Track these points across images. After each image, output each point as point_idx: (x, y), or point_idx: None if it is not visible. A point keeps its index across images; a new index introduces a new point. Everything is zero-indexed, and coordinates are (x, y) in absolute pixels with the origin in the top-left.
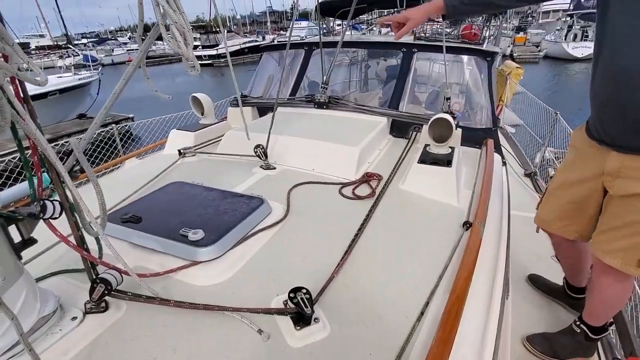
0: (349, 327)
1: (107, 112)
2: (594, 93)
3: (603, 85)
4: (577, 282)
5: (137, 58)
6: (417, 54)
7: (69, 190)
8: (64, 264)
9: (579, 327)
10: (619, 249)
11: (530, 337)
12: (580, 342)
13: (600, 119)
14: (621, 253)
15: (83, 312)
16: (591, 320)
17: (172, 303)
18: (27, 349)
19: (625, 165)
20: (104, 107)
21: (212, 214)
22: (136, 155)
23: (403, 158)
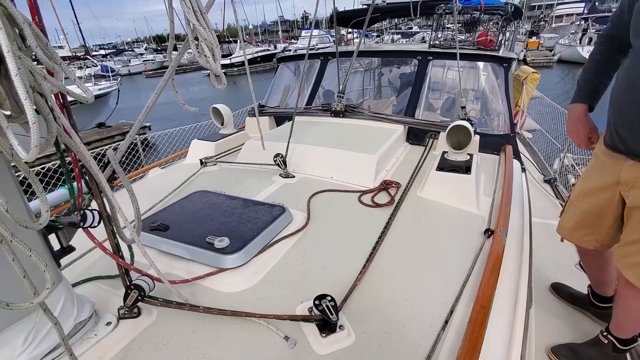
0: (374, 335)
1: (141, 124)
2: (611, 98)
3: (621, 91)
4: (603, 291)
5: (168, 72)
6: (433, 62)
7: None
8: (96, 270)
9: (606, 337)
10: (636, 263)
11: (555, 348)
12: (607, 353)
13: (616, 126)
14: (638, 268)
15: (117, 317)
16: (619, 333)
17: (201, 309)
18: (68, 353)
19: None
20: (138, 120)
21: (236, 222)
22: (159, 165)
23: (421, 165)
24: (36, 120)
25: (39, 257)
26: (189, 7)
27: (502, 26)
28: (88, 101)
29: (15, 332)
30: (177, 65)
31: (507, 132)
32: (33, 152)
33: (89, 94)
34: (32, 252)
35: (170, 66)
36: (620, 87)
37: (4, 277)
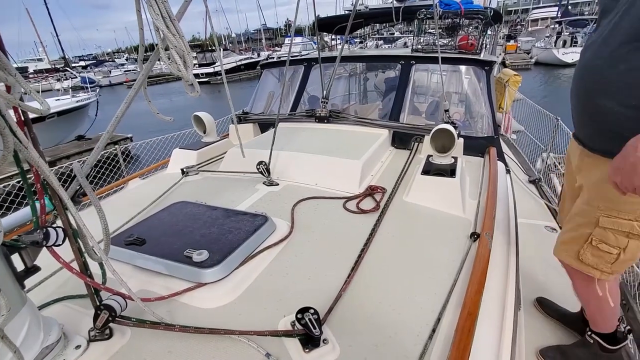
0: (359, 348)
1: (110, 135)
2: None
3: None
4: None
5: (138, 81)
6: (416, 66)
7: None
8: (67, 290)
9: (590, 337)
10: (563, 242)
11: (544, 350)
12: (596, 353)
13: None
14: (564, 246)
15: (87, 339)
16: (595, 327)
17: (177, 328)
18: None
19: (582, 161)
20: (107, 131)
21: (217, 233)
22: (139, 176)
23: (406, 170)
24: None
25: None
26: (157, 13)
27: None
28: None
29: None
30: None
31: (491, 134)
32: None
33: (45, 106)
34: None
35: (141, 74)
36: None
37: None
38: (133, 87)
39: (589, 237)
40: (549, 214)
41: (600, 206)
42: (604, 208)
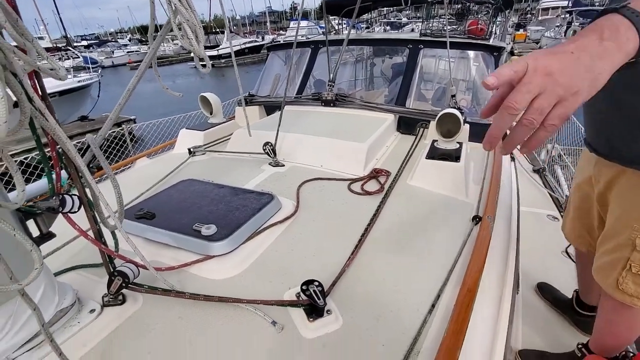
0: (361, 319)
1: (122, 108)
2: None
3: None
4: (588, 299)
5: (148, 55)
6: (424, 50)
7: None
8: (80, 259)
9: (580, 351)
10: (600, 267)
11: (525, 352)
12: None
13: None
14: (603, 272)
15: (101, 305)
16: (597, 349)
17: (187, 295)
18: (48, 340)
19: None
20: (118, 103)
21: (224, 209)
22: (147, 155)
23: (411, 154)
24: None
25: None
26: None
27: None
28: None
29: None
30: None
31: None
32: (2, 128)
33: (62, 71)
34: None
35: (151, 48)
36: None
37: None
38: (144, 61)
39: (627, 262)
40: (551, 203)
41: (635, 226)
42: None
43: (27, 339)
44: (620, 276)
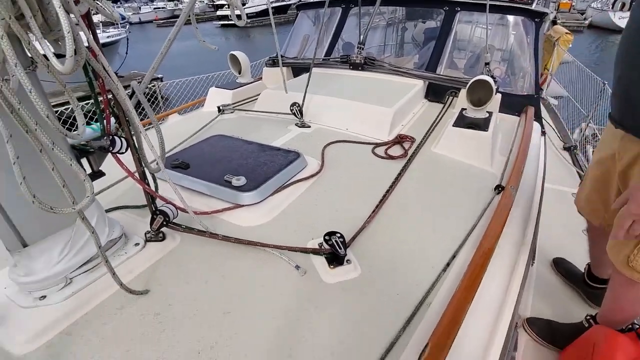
0: (378, 271)
1: (164, 57)
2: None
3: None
4: (599, 272)
5: (188, 6)
6: (460, 14)
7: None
8: (124, 201)
9: (588, 322)
10: (614, 243)
11: (532, 320)
12: None
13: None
14: (615, 248)
15: (144, 240)
16: (604, 322)
17: (220, 237)
18: (104, 260)
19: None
20: (160, 52)
21: (252, 164)
22: (178, 112)
23: (437, 122)
24: (70, 30)
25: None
26: None
27: None
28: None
29: (52, 243)
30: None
31: (532, 92)
32: (68, 62)
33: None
34: (72, 161)
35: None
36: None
37: (43, 188)
38: (183, 11)
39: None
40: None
41: None
42: None
43: (82, 262)
44: (631, 253)
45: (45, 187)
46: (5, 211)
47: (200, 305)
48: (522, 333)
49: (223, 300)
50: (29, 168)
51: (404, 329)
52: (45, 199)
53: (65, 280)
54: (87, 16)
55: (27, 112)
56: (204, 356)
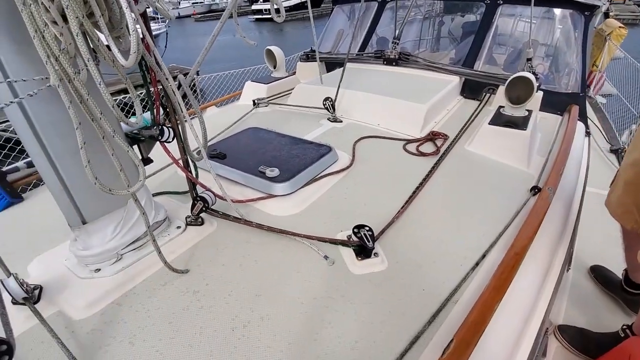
0: (405, 265)
1: (208, 51)
2: None
3: None
4: (635, 277)
5: (232, 3)
6: (502, 7)
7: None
8: (167, 187)
9: (624, 331)
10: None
11: (564, 327)
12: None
13: None
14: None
15: (185, 224)
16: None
17: (254, 224)
18: (151, 239)
19: None
20: (205, 48)
21: (286, 156)
22: (215, 104)
23: (473, 119)
24: (136, 28)
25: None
26: None
27: None
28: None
29: (106, 222)
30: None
31: (577, 90)
32: (132, 58)
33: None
34: (129, 148)
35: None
36: None
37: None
38: (227, 8)
39: None
40: None
41: None
42: None
43: (132, 240)
44: None
45: (104, 171)
46: (70, 191)
47: (234, 287)
48: (553, 340)
49: (255, 284)
50: (92, 154)
51: (429, 323)
52: (103, 181)
53: (116, 256)
54: (143, 14)
55: (94, 102)
56: (238, 333)
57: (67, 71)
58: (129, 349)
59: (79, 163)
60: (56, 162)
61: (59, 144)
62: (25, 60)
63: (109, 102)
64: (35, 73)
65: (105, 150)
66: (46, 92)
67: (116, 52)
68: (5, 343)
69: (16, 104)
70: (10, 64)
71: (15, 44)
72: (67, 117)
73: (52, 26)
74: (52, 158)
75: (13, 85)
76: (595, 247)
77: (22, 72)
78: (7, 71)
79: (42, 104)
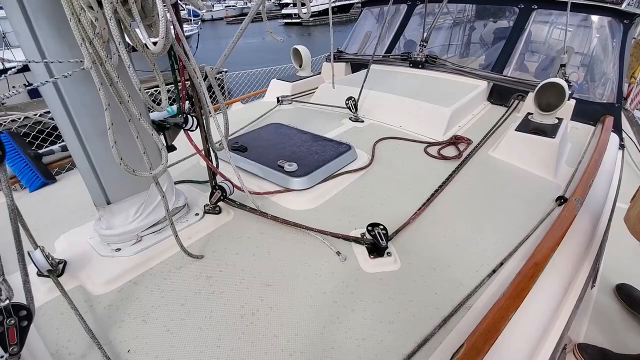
0: (418, 267)
1: (235, 44)
2: None
3: None
4: None
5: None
6: (536, 13)
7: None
8: (188, 176)
9: None
10: None
11: (584, 346)
12: None
13: None
14: None
15: (203, 211)
16: None
17: (269, 216)
18: (170, 222)
19: None
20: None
21: (305, 152)
22: (240, 100)
23: (499, 125)
24: (165, 15)
25: (158, 138)
26: None
27: None
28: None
29: (129, 204)
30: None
31: (612, 100)
32: (160, 43)
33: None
34: (153, 132)
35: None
36: None
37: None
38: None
39: None
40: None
41: None
42: None
43: (152, 224)
44: None
45: (129, 153)
46: (97, 171)
47: (246, 275)
48: (572, 358)
49: (266, 274)
50: (118, 135)
51: (439, 327)
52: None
53: (136, 238)
54: (174, 6)
55: (123, 85)
56: (246, 320)
57: (99, 54)
58: (141, 326)
59: (107, 145)
60: (86, 143)
61: (88, 125)
62: (62, 43)
63: (136, 85)
64: (70, 56)
65: (131, 134)
66: (79, 74)
67: (145, 36)
68: (25, 308)
69: (52, 84)
70: (49, 46)
71: (54, 27)
72: (97, 99)
73: (88, 11)
74: (83, 138)
75: (50, 66)
76: (623, 265)
77: (59, 54)
78: (45, 53)
79: (75, 86)
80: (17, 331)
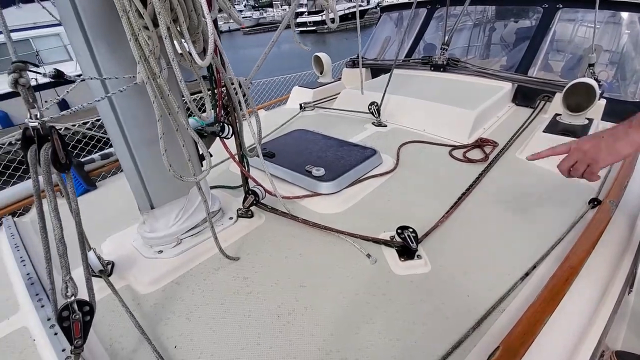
0: (449, 270)
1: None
2: None
3: None
4: None
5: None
6: (562, 11)
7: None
8: (221, 181)
9: None
10: None
11: (623, 354)
12: None
13: None
14: None
15: (236, 215)
16: None
17: (300, 220)
18: (210, 225)
19: None
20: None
21: (331, 157)
22: (263, 108)
23: (525, 127)
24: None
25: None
26: None
27: None
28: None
29: (170, 208)
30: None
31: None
32: (208, 58)
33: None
34: (199, 140)
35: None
36: None
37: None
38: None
39: None
40: None
41: None
42: None
43: (191, 227)
44: None
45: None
46: (143, 178)
47: (280, 277)
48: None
49: (300, 275)
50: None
51: (473, 329)
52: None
53: (177, 240)
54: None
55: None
56: (283, 320)
57: (153, 70)
58: (186, 324)
59: (152, 153)
60: (134, 151)
61: (137, 135)
62: (115, 61)
63: (187, 97)
64: (122, 72)
65: (177, 142)
66: (132, 88)
67: (194, 53)
68: (88, 305)
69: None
70: (105, 65)
71: (109, 47)
72: (145, 111)
73: (143, 31)
74: (131, 147)
75: (105, 82)
76: None
77: (112, 71)
78: (101, 70)
79: (126, 99)
80: (81, 325)
